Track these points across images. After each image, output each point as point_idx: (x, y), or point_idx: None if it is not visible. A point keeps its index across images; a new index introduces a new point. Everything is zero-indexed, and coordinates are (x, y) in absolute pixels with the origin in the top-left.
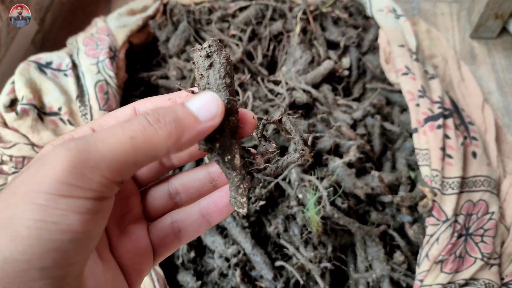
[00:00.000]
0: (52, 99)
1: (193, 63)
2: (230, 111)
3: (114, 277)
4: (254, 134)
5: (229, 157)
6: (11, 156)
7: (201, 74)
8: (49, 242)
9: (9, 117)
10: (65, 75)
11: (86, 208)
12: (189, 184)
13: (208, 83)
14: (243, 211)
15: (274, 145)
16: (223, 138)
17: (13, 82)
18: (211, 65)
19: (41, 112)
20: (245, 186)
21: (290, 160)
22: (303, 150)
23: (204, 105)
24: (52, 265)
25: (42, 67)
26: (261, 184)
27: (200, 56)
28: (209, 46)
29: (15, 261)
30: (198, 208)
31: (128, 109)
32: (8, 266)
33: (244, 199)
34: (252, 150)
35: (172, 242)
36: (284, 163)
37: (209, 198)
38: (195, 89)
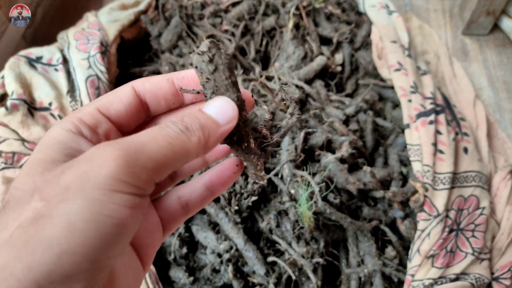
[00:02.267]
0: (43, 94)
1: (196, 67)
2: (240, 106)
3: (130, 259)
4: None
5: (246, 144)
6: (0, 152)
7: (208, 78)
8: (104, 235)
9: None
10: (56, 70)
11: (133, 203)
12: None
13: (216, 86)
14: (264, 182)
15: (266, 107)
16: (238, 131)
17: (2, 77)
18: (216, 69)
19: (32, 107)
20: (261, 162)
21: (290, 124)
22: (299, 115)
23: (221, 110)
24: (101, 258)
25: (32, 62)
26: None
27: (203, 61)
28: (209, 49)
29: (72, 254)
30: (202, 182)
31: (127, 87)
32: (65, 258)
33: (263, 172)
34: (260, 129)
35: (180, 216)
36: (285, 129)
37: (212, 172)
38: (197, 90)
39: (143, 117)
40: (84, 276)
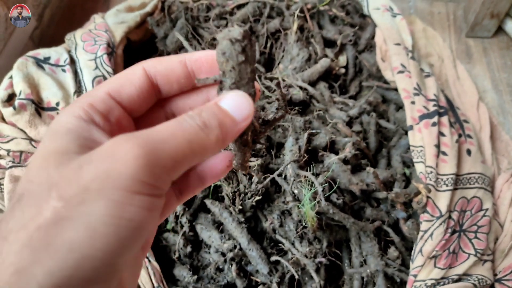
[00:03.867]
0: (50, 94)
1: (223, 53)
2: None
3: None
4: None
5: (245, 137)
6: (8, 151)
7: (233, 67)
8: (122, 239)
9: (7, 111)
10: (63, 70)
11: (154, 205)
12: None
13: (240, 77)
14: (247, 172)
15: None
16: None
17: (11, 77)
18: (245, 60)
19: (39, 107)
20: (249, 153)
21: (278, 117)
22: (285, 111)
23: (238, 106)
24: (118, 261)
25: (40, 62)
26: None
27: (234, 49)
28: (243, 38)
29: (93, 259)
30: (196, 172)
31: (138, 69)
32: (86, 263)
33: (249, 162)
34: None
35: (172, 198)
36: (273, 122)
37: (205, 164)
38: (217, 78)
39: (154, 100)
40: (101, 279)
